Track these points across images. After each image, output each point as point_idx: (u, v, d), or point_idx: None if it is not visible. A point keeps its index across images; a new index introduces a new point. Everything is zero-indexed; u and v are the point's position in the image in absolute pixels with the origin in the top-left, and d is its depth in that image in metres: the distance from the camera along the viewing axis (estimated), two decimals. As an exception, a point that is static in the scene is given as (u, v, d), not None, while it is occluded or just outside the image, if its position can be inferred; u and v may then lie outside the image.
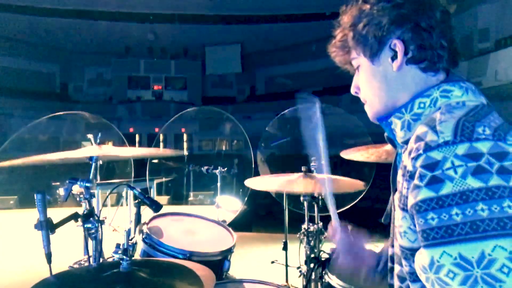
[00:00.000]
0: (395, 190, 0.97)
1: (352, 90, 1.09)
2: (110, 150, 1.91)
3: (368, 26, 0.95)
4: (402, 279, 0.92)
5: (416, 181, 0.78)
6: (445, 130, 0.78)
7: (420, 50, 0.92)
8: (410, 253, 0.85)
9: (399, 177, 0.88)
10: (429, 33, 0.91)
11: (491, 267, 0.69)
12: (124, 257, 1.28)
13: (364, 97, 1.04)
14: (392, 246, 1.00)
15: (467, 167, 0.72)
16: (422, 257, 0.77)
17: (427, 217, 0.75)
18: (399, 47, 0.92)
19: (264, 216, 7.36)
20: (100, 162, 2.20)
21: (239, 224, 6.39)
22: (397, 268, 0.94)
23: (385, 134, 1.05)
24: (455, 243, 0.71)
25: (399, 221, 0.87)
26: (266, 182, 2.42)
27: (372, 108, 1.03)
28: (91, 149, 1.90)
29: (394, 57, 0.94)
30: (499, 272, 0.68)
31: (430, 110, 0.89)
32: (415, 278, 0.86)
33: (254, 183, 2.40)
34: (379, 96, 0.99)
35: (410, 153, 0.82)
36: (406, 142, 0.92)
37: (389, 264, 1.03)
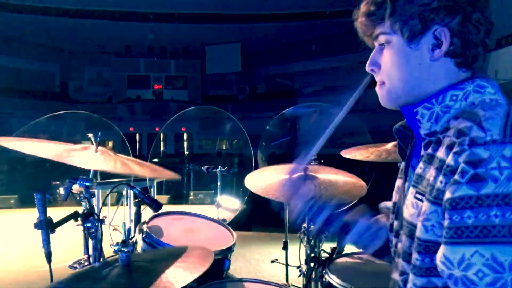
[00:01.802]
0: (405, 181, 0.96)
1: (368, 67, 0.99)
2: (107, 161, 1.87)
3: (415, 4, 0.87)
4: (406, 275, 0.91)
5: (456, 177, 0.75)
6: (493, 128, 0.75)
7: (464, 45, 0.88)
8: (431, 245, 0.83)
9: (430, 170, 0.85)
10: (477, 29, 0.87)
11: None
12: (123, 249, 1.29)
13: (384, 78, 0.96)
14: (397, 236, 0.98)
15: None
16: (450, 253, 0.75)
17: (463, 214, 0.73)
18: (446, 36, 0.87)
19: (264, 215, 7.36)
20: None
21: (239, 223, 6.40)
22: (404, 265, 0.93)
23: (395, 127, 1.02)
24: (489, 244, 0.71)
25: (427, 215, 0.83)
26: (263, 182, 2.39)
27: (391, 93, 0.95)
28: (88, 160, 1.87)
29: (435, 46, 0.88)
30: None
31: (461, 104, 0.87)
32: (422, 273, 0.84)
33: (252, 182, 2.38)
34: (406, 82, 0.92)
35: (450, 147, 0.80)
36: (431, 134, 0.90)
37: (395, 258, 1.01)
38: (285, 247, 3.28)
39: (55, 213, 1.75)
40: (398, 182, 1.06)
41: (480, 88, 0.87)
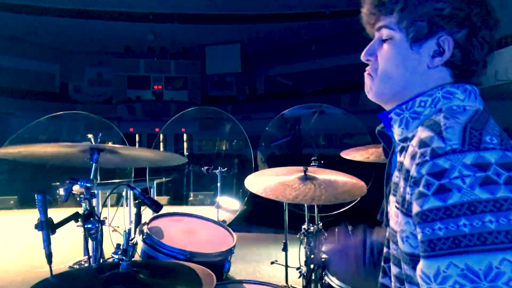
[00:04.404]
0: (389, 188, 0.96)
1: (364, 57, 0.96)
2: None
3: (428, 5, 0.85)
4: (400, 281, 0.91)
5: (422, 189, 0.75)
6: (452, 137, 0.75)
7: (464, 58, 0.86)
8: (410, 258, 0.83)
9: (401, 181, 0.85)
10: (482, 46, 0.86)
11: (498, 280, 0.68)
12: (124, 257, 1.29)
13: (376, 72, 0.94)
14: (388, 247, 0.98)
15: (475, 177, 0.71)
16: (426, 268, 0.75)
17: (434, 227, 0.73)
18: (449, 46, 0.86)
19: (264, 216, 7.36)
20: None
21: (239, 225, 6.40)
22: (394, 269, 0.93)
23: (376, 132, 1.02)
24: (462, 254, 0.70)
25: (402, 226, 0.84)
26: (263, 183, 2.40)
27: (379, 87, 0.94)
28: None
29: (436, 53, 0.87)
30: (506, 286, 0.68)
31: (430, 110, 0.87)
32: (414, 282, 0.84)
33: (251, 183, 2.39)
34: (397, 82, 0.91)
35: (413, 158, 0.80)
36: (403, 140, 0.90)
37: (382, 264, 1.02)
38: (285, 249, 3.28)
39: (55, 214, 1.76)
40: None
41: (449, 95, 0.87)
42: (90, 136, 2.34)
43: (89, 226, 1.78)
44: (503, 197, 0.70)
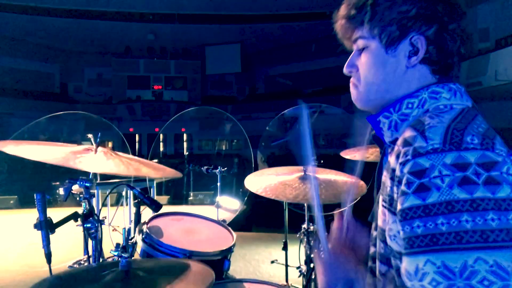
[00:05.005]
0: (378, 189, 0.97)
1: (346, 70, 1.00)
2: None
3: (394, 10, 0.89)
4: (388, 278, 0.92)
5: (403, 187, 0.77)
6: (434, 137, 0.77)
7: (440, 53, 0.89)
8: (399, 257, 0.83)
9: (387, 180, 0.86)
10: (453, 39, 0.89)
11: (473, 279, 0.69)
12: (123, 254, 1.29)
13: (358, 81, 0.98)
14: (374, 245, 0.98)
15: (454, 177, 0.72)
16: (407, 265, 0.76)
17: (413, 224, 0.75)
18: (422, 44, 0.89)
19: (264, 215, 7.37)
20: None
21: (239, 224, 6.40)
22: (383, 268, 0.93)
23: (372, 133, 1.03)
24: (439, 252, 0.72)
25: (390, 224, 0.85)
26: (263, 182, 2.40)
27: (365, 95, 0.97)
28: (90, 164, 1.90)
29: (411, 53, 0.90)
30: (480, 284, 0.69)
31: (418, 111, 0.89)
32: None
33: (251, 183, 2.39)
34: (379, 86, 0.94)
35: (398, 157, 0.81)
36: (393, 142, 0.91)
37: (369, 263, 1.02)
38: (285, 248, 3.28)
39: (55, 213, 1.76)
40: None
41: (435, 94, 0.89)
42: (90, 136, 2.34)
43: (89, 225, 1.78)
44: (480, 197, 0.71)
